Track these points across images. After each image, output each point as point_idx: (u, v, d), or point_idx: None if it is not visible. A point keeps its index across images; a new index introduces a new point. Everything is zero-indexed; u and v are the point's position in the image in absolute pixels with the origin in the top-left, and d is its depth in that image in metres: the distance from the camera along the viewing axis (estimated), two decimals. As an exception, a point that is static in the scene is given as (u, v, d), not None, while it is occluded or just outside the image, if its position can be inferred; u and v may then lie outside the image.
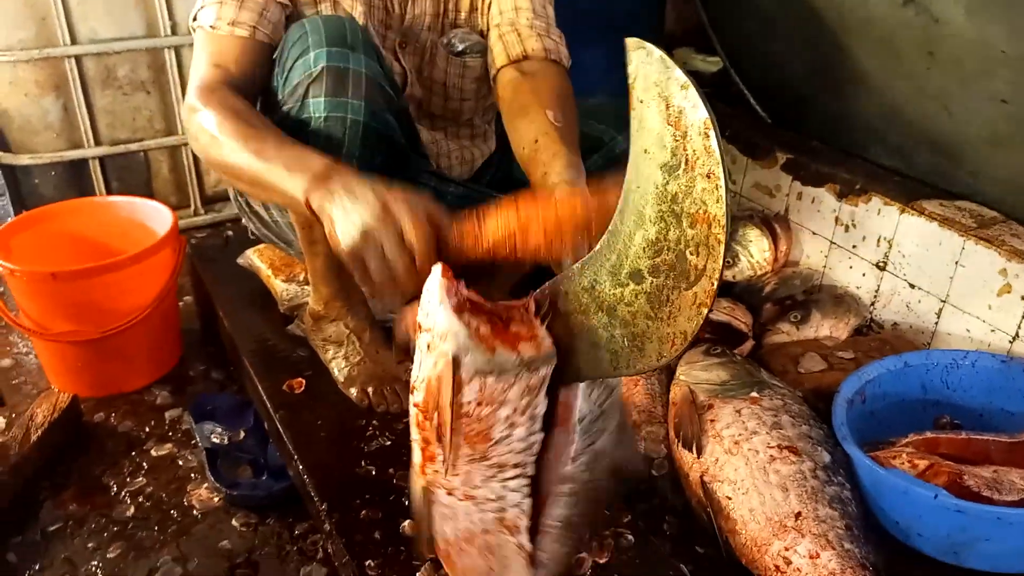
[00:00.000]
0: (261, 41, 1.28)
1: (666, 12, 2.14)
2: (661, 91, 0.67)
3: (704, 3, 2.11)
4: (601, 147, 1.49)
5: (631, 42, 0.69)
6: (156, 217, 1.76)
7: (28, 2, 1.97)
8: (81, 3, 2.03)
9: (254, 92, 1.29)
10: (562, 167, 1.11)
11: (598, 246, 0.82)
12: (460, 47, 1.42)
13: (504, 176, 1.57)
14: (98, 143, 2.17)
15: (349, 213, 0.92)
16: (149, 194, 2.20)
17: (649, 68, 0.68)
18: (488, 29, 1.44)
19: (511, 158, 1.31)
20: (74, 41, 2.05)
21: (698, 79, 2.35)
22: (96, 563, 1.30)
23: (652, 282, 0.74)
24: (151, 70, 2.17)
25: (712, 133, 0.64)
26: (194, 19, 1.29)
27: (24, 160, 2.12)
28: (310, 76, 1.19)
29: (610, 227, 0.79)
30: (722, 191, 0.64)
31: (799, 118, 1.98)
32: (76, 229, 1.80)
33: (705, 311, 0.69)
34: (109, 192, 2.21)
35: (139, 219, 1.80)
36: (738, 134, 1.98)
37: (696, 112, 0.64)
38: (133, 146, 2.21)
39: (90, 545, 1.33)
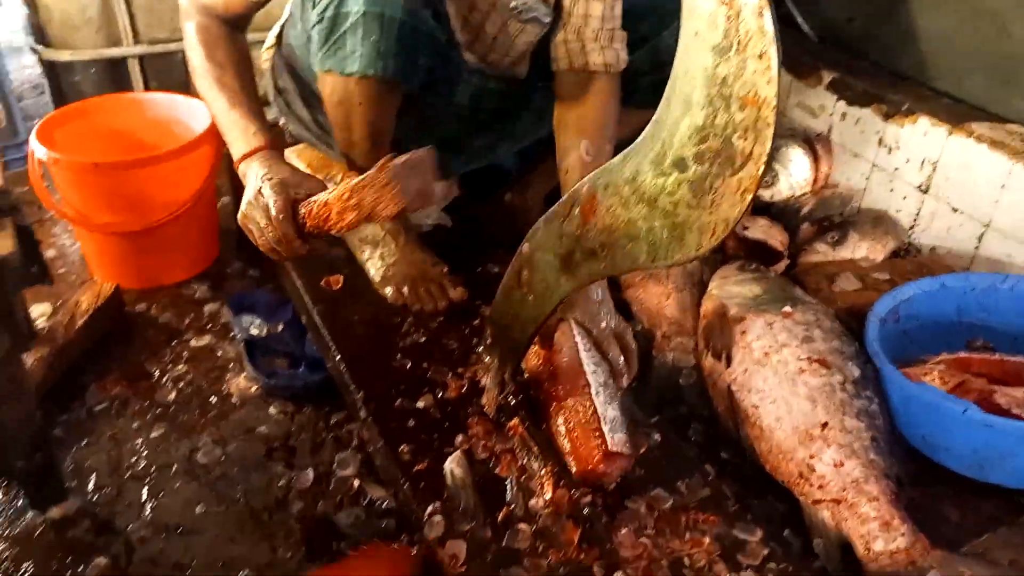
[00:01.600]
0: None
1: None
2: (716, -32, 0.66)
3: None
4: (646, 42, 1.47)
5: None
6: (196, 115, 1.77)
7: None
8: None
9: (239, 23, 1.35)
10: None
11: (641, 137, 0.81)
12: (525, 14, 1.37)
13: (544, 64, 1.53)
14: (137, 41, 2.17)
15: (245, 194, 1.19)
16: (187, 93, 2.20)
17: (705, -54, 0.66)
18: (560, 4, 1.40)
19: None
20: (113, -67, 2.03)
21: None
22: (140, 441, 1.35)
23: (696, 170, 0.73)
24: (191, -32, 2.14)
25: (767, 12, 0.63)
26: None
27: (65, 56, 2.12)
28: None
29: (655, 116, 0.79)
30: (774, 71, 0.63)
31: (847, 38, 1.92)
32: (117, 124, 1.81)
33: (749, 197, 0.68)
34: (148, 90, 2.22)
35: (179, 116, 1.81)
36: (783, 51, 1.93)
37: (752, -10, 0.63)
38: (172, 46, 2.21)
39: (134, 425, 1.39)
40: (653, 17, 1.47)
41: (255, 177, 1.18)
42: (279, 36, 1.51)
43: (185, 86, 2.26)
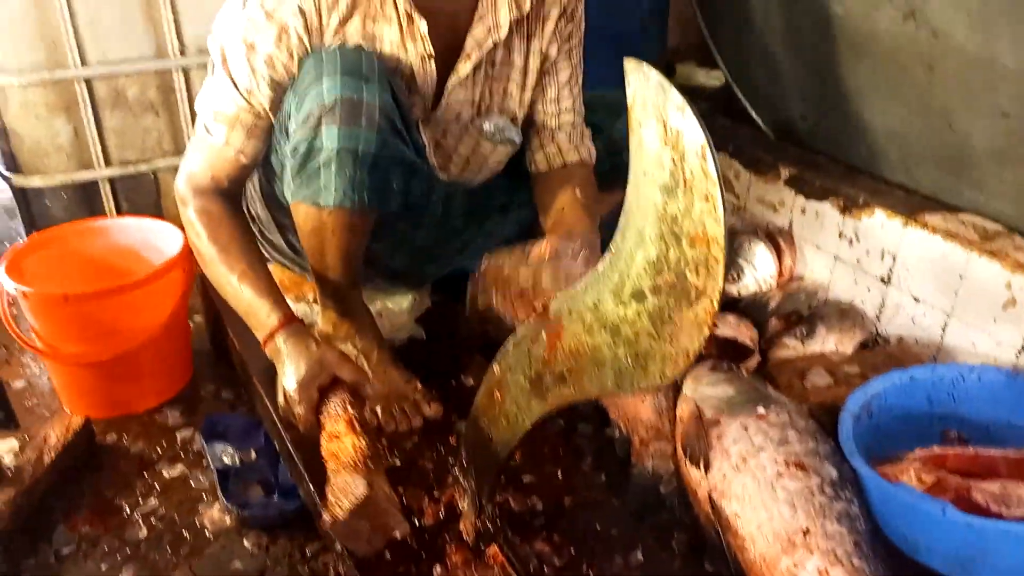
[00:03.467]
0: (254, 165, 1.38)
1: (669, 28, 2.16)
2: (659, 112, 0.69)
3: (706, 19, 2.13)
4: (601, 132, 1.55)
5: (630, 63, 0.70)
6: (166, 238, 1.78)
7: (39, 25, 2.00)
8: (91, 25, 2.06)
9: (239, 194, 1.43)
10: (583, 230, 1.32)
11: (600, 266, 0.83)
12: (497, 136, 1.45)
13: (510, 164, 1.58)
14: (108, 164, 2.20)
15: (282, 377, 1.25)
16: (159, 214, 2.22)
17: (647, 90, 0.69)
18: (529, 119, 1.51)
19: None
20: (84, 63, 2.07)
21: (701, 94, 2.39)
22: (109, 585, 1.31)
23: (654, 301, 0.75)
24: (160, 91, 2.20)
25: (709, 155, 0.65)
26: (201, 115, 1.34)
27: (35, 181, 2.14)
28: (323, 107, 1.20)
29: (611, 246, 0.80)
30: (720, 212, 0.65)
31: (802, 133, 1.99)
32: (87, 250, 1.81)
33: (707, 330, 0.70)
34: (119, 212, 2.24)
35: (150, 240, 1.82)
36: (741, 149, 2.00)
37: (693, 134, 0.66)
38: (143, 166, 2.24)
39: (104, 567, 1.34)
40: (603, 110, 1.55)
41: (280, 372, 1.25)
42: None
43: (156, 206, 2.29)
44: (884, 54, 1.55)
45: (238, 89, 1.29)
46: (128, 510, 1.45)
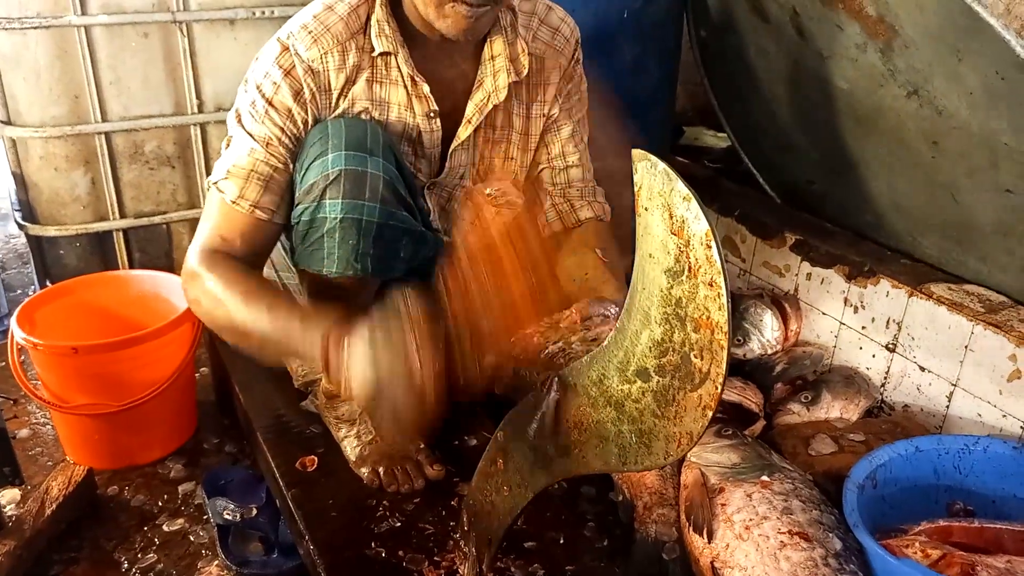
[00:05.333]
0: (277, 223, 1.34)
1: (677, 92, 2.21)
2: (665, 200, 0.70)
3: (713, 86, 2.17)
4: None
5: (636, 153, 0.72)
6: (177, 290, 1.79)
7: (63, 80, 2.06)
8: (115, 82, 2.11)
9: (257, 262, 1.36)
10: (610, 292, 1.34)
11: (606, 341, 0.84)
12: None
13: None
14: (123, 216, 2.23)
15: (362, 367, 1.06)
16: (169, 265, 2.25)
17: (653, 178, 0.71)
18: (538, 181, 1.52)
19: None
20: (105, 118, 2.12)
21: (707, 154, 2.41)
22: (105, 642, 1.30)
23: (658, 381, 0.76)
24: (177, 145, 2.25)
25: (714, 244, 0.67)
26: (214, 179, 1.32)
27: (51, 232, 2.18)
28: (327, 178, 1.23)
29: (617, 324, 0.82)
30: (724, 299, 0.66)
31: (808, 199, 2.01)
32: (98, 302, 1.83)
33: (710, 414, 0.70)
34: (131, 262, 2.27)
35: (160, 292, 1.84)
36: (747, 213, 2.02)
37: (698, 223, 0.67)
38: (156, 219, 2.28)
39: (100, 623, 1.34)
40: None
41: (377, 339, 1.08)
42: None
43: (167, 257, 2.33)
44: (889, 129, 1.58)
45: (255, 139, 1.30)
46: (127, 564, 1.45)
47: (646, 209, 0.73)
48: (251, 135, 1.31)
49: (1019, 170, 1.35)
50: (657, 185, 0.70)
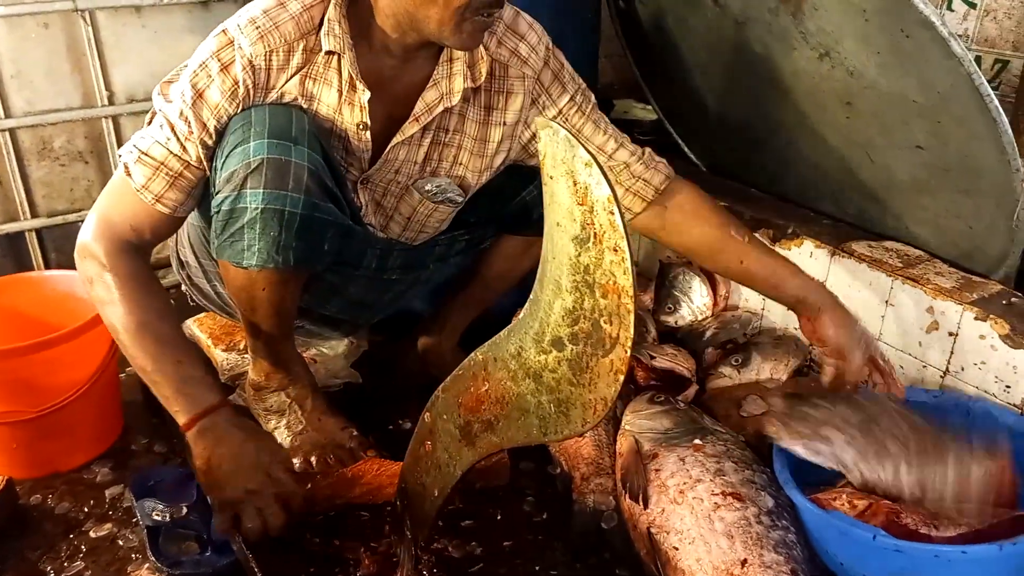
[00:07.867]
0: (179, 217, 1.31)
1: (602, 66, 2.20)
2: (568, 167, 0.69)
3: (636, 58, 2.17)
4: (517, 196, 1.52)
5: (539, 121, 0.71)
6: (94, 290, 1.73)
7: (-41, 76, 1.96)
8: (16, 76, 2.01)
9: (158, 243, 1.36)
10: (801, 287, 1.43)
11: (521, 314, 0.83)
12: (438, 195, 1.41)
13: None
14: (35, 215, 2.14)
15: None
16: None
17: (556, 146, 0.70)
18: (474, 181, 1.45)
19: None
20: (8, 114, 2.03)
21: (638, 126, 2.42)
22: (30, 662, 1.25)
23: (572, 349, 0.75)
24: (88, 140, 2.16)
25: (616, 208, 0.66)
26: (125, 158, 1.28)
27: (-42, 235, 2.08)
28: (248, 166, 1.17)
29: (531, 296, 0.81)
30: (628, 263, 0.66)
31: (734, 167, 2.03)
32: (12, 305, 1.76)
33: (622, 378, 0.70)
34: (47, 263, 2.18)
35: (77, 292, 1.77)
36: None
37: (600, 188, 0.67)
38: (71, 217, 2.19)
39: (27, 636, 1.29)
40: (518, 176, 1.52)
41: (227, 449, 1.23)
42: None
43: (86, 255, 2.24)
44: (805, 92, 1.60)
45: (175, 134, 1.24)
46: (53, 574, 1.40)
47: (551, 178, 0.72)
48: (172, 126, 1.25)
49: (929, 127, 1.38)
50: (560, 152, 0.70)
